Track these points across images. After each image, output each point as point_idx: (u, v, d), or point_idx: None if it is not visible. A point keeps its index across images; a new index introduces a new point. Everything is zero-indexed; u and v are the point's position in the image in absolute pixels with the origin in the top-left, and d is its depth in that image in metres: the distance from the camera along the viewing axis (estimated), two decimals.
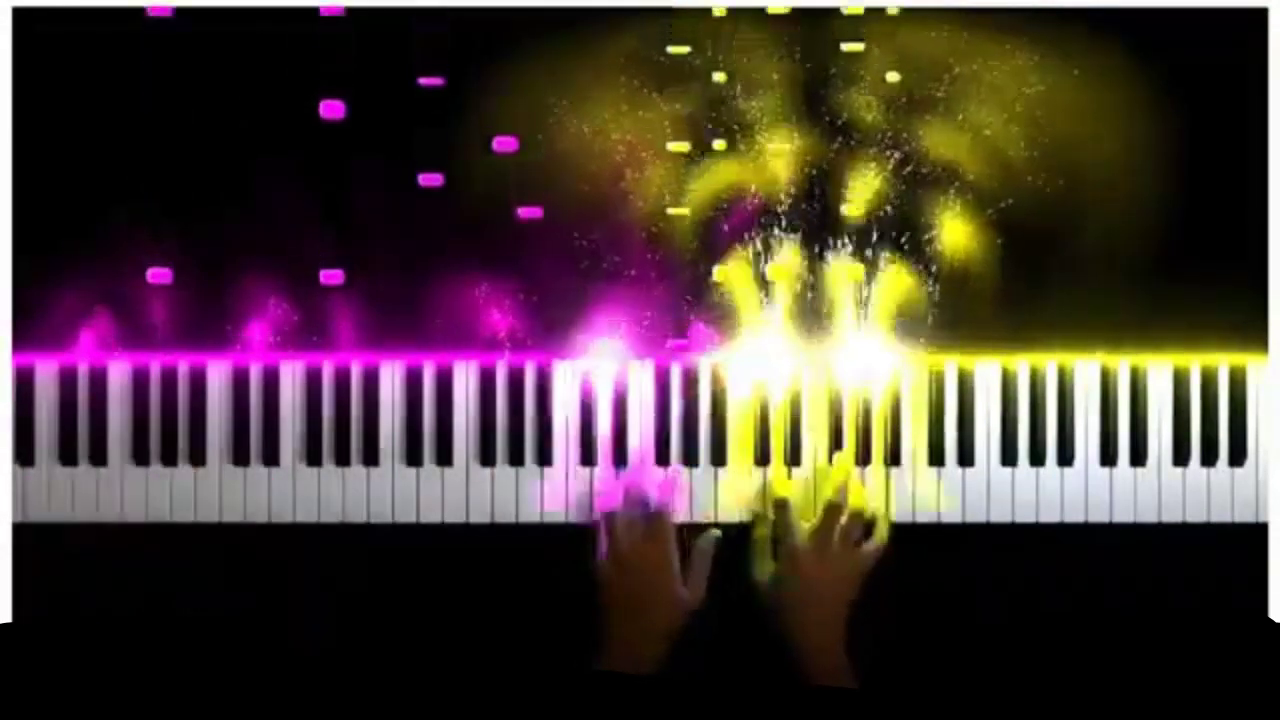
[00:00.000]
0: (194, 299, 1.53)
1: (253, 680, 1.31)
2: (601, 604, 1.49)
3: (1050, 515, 1.56)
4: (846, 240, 1.54)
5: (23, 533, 1.53)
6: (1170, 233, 1.54)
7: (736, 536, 1.54)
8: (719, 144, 1.54)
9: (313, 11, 1.53)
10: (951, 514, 1.55)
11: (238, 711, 1.27)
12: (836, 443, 1.55)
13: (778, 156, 1.54)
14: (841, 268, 1.54)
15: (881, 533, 1.53)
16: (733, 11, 1.53)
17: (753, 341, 1.54)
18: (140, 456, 1.54)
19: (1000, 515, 1.55)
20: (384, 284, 1.53)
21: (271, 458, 1.54)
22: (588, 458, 1.55)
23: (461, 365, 1.55)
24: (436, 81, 1.53)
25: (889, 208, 1.54)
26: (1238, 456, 1.56)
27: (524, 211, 1.53)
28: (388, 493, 1.55)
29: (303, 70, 1.53)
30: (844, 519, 1.51)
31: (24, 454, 1.54)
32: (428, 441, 1.55)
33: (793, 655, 1.48)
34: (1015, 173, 1.54)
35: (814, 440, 1.55)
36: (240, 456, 1.54)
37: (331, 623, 1.55)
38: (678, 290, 1.54)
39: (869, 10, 1.54)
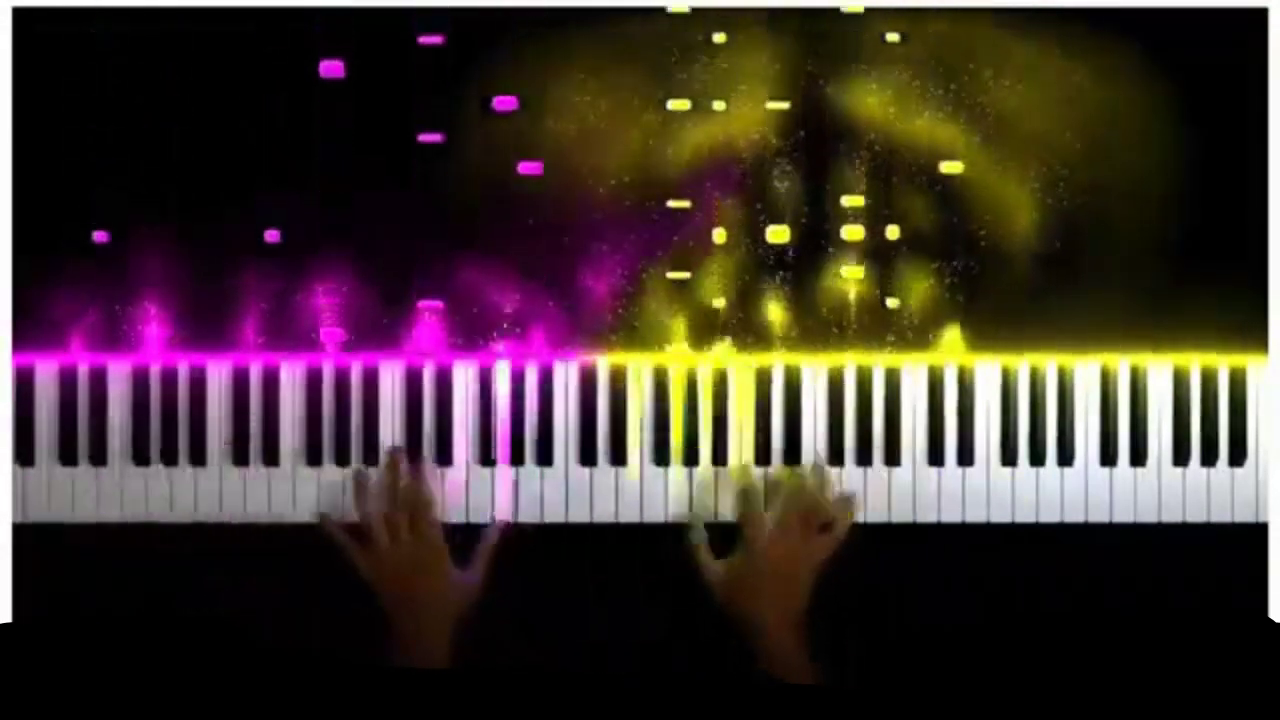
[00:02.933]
0: (194, 299, 1.53)
1: (253, 680, 1.31)
2: (378, 599, 1.50)
3: (1050, 515, 1.55)
4: (844, 241, 1.54)
5: (23, 533, 1.53)
6: (1170, 233, 1.54)
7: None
8: (718, 143, 1.54)
9: (311, 12, 1.53)
10: (951, 514, 1.55)
11: (237, 711, 1.27)
12: (836, 442, 1.55)
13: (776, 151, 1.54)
14: (839, 267, 1.54)
15: (841, 527, 1.53)
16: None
17: (749, 338, 1.55)
18: (140, 456, 1.54)
19: (1000, 515, 1.55)
20: (386, 282, 1.54)
21: (271, 458, 1.54)
22: (588, 457, 1.55)
23: (461, 365, 1.55)
24: (435, 40, 1.53)
25: (887, 206, 1.54)
26: (1238, 456, 1.56)
27: (525, 167, 1.53)
28: None
29: (303, 71, 1.53)
30: (804, 508, 1.52)
31: (24, 454, 1.54)
32: (428, 441, 1.55)
33: (752, 648, 1.49)
34: (1015, 173, 1.54)
35: (807, 437, 1.55)
36: (240, 456, 1.54)
37: (331, 622, 1.55)
38: (666, 290, 1.55)
39: (870, 9, 1.54)
